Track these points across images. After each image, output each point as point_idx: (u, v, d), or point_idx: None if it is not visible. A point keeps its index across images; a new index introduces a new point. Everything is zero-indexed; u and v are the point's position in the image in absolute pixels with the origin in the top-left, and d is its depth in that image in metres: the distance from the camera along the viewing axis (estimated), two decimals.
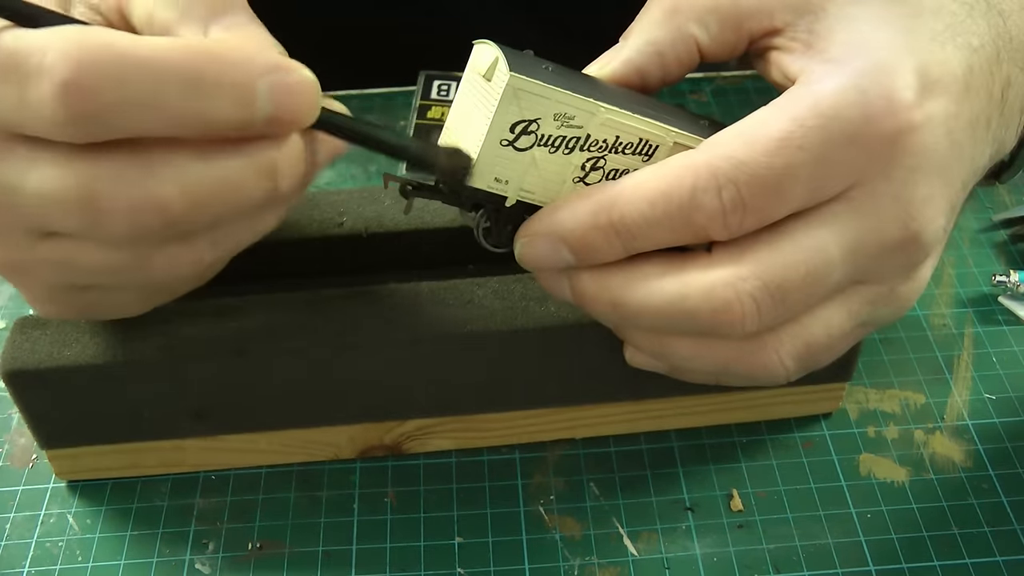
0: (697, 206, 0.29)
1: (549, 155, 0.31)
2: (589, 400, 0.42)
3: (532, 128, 0.30)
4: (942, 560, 0.39)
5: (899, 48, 0.30)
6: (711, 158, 0.29)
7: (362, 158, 0.58)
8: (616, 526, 0.41)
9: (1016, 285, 0.48)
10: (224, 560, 0.40)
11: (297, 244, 0.43)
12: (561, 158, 0.31)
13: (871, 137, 0.29)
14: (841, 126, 0.29)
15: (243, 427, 0.41)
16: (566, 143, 0.31)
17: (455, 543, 0.40)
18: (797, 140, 0.28)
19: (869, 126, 0.29)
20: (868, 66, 0.29)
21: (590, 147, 0.31)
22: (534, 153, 0.31)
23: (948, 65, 0.31)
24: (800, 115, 0.29)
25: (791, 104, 0.29)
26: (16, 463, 0.43)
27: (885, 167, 0.30)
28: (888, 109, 0.29)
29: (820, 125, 0.29)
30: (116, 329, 0.38)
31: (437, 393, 0.41)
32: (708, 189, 0.29)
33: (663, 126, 0.32)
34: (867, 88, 0.29)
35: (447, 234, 0.43)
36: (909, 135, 0.29)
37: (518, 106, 0.30)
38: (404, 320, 0.38)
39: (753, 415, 0.44)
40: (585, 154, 0.32)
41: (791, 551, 0.40)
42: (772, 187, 0.29)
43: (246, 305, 0.39)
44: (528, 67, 0.30)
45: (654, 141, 0.32)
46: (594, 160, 0.32)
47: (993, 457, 0.43)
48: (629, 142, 0.32)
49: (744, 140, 0.29)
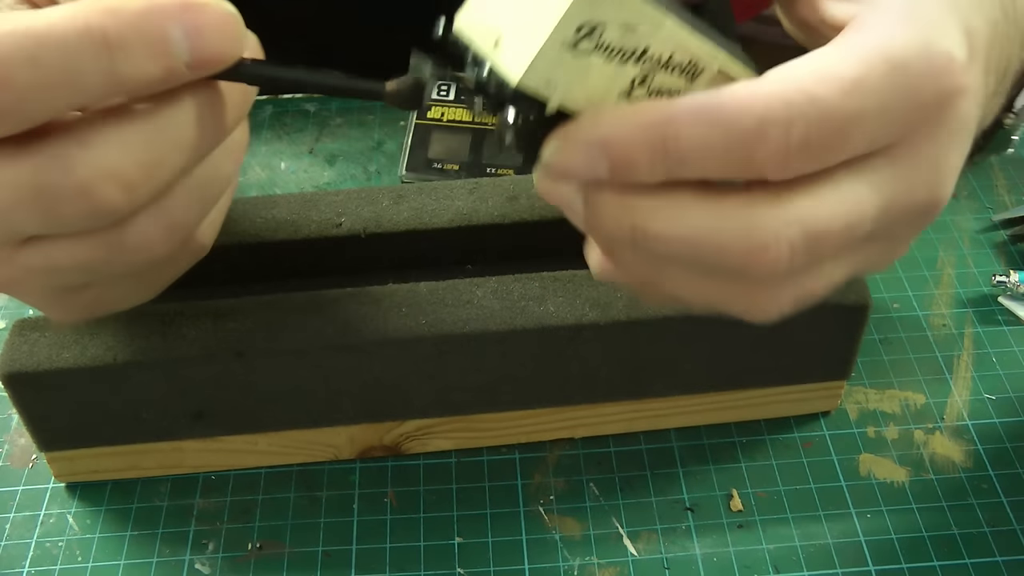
0: (762, 138, 0.27)
1: (604, 65, 0.28)
2: (589, 400, 0.42)
3: (595, 33, 0.27)
4: (942, 560, 0.39)
5: (947, 8, 0.30)
6: (785, 89, 0.27)
7: (362, 158, 0.58)
8: (616, 526, 0.41)
9: (1016, 285, 0.48)
10: (224, 560, 0.40)
11: (296, 245, 0.43)
12: (614, 69, 0.29)
13: (930, 94, 0.28)
14: (907, 79, 0.28)
15: (242, 428, 0.41)
16: (623, 54, 0.28)
17: (455, 543, 0.40)
18: (869, 84, 0.27)
19: (931, 82, 0.28)
20: (927, 20, 0.28)
21: (645, 61, 0.29)
22: (591, 60, 0.28)
23: (980, 35, 0.30)
24: (871, 59, 0.27)
25: (859, 47, 0.28)
26: (16, 463, 0.43)
27: (933, 128, 0.29)
28: (948, 68, 0.28)
29: (890, 72, 0.27)
30: (115, 331, 0.38)
31: (436, 393, 0.41)
32: (778, 122, 0.27)
33: (713, 49, 0.30)
34: (931, 42, 0.28)
35: (446, 234, 0.43)
36: (959, 98, 0.29)
37: (590, 5, 0.27)
38: (403, 320, 0.38)
39: (752, 414, 0.44)
40: (637, 68, 0.29)
41: (791, 551, 0.40)
42: (840, 130, 0.27)
43: (245, 306, 0.39)
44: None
45: (701, 64, 0.30)
46: (643, 77, 0.29)
47: (993, 457, 0.43)
48: (680, 61, 0.29)
49: (819, 76, 0.27)
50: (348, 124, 0.60)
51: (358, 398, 0.40)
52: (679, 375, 0.42)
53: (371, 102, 0.61)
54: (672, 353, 0.40)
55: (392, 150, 0.58)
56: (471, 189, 0.44)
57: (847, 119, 0.27)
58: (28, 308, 0.50)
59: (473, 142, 0.55)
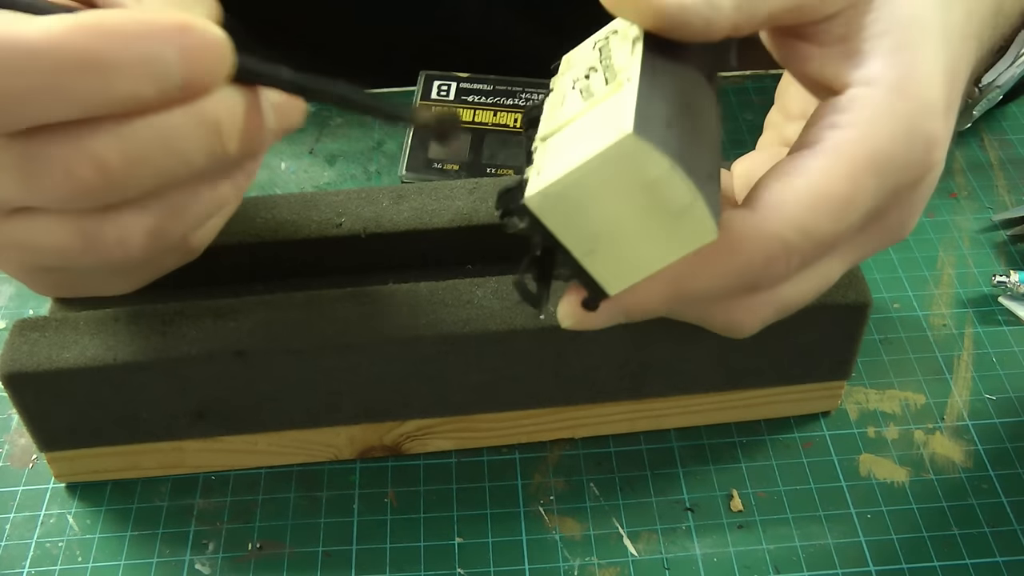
0: (767, 275, 0.30)
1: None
2: (589, 400, 0.42)
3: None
4: (942, 561, 0.39)
5: (940, 48, 0.31)
6: (781, 229, 0.29)
7: (362, 158, 0.58)
8: (616, 526, 0.41)
9: (1016, 285, 0.48)
10: (224, 561, 0.40)
11: (296, 245, 0.43)
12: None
13: (910, 179, 0.31)
14: (892, 177, 0.30)
15: (243, 428, 0.41)
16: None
17: (455, 543, 0.40)
18: (857, 201, 0.29)
19: (912, 170, 0.30)
20: (915, 93, 0.30)
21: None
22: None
23: (962, 69, 0.32)
24: (859, 172, 0.29)
25: (849, 157, 0.29)
26: (16, 463, 0.43)
27: (906, 198, 0.32)
28: (929, 153, 0.30)
29: (877, 178, 0.30)
30: (115, 331, 0.38)
31: (437, 393, 0.41)
32: (779, 261, 0.29)
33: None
34: (915, 127, 0.30)
35: (446, 234, 0.43)
36: (935, 170, 0.31)
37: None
38: (404, 320, 0.38)
39: (752, 414, 0.44)
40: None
41: (791, 551, 0.40)
42: (831, 244, 0.30)
43: (245, 306, 0.39)
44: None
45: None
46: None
47: (993, 457, 0.43)
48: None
49: (810, 206, 0.29)
50: (348, 124, 0.60)
51: (358, 398, 0.40)
52: (679, 375, 0.42)
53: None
54: (672, 353, 0.40)
55: (392, 150, 0.58)
56: (471, 189, 0.44)
57: (838, 235, 0.30)
58: (28, 308, 0.50)
59: (473, 142, 0.55)
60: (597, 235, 0.28)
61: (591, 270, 0.29)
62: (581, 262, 0.29)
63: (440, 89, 0.57)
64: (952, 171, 0.57)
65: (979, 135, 0.59)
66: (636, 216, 0.27)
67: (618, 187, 0.27)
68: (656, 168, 0.26)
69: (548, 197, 0.27)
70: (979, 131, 0.59)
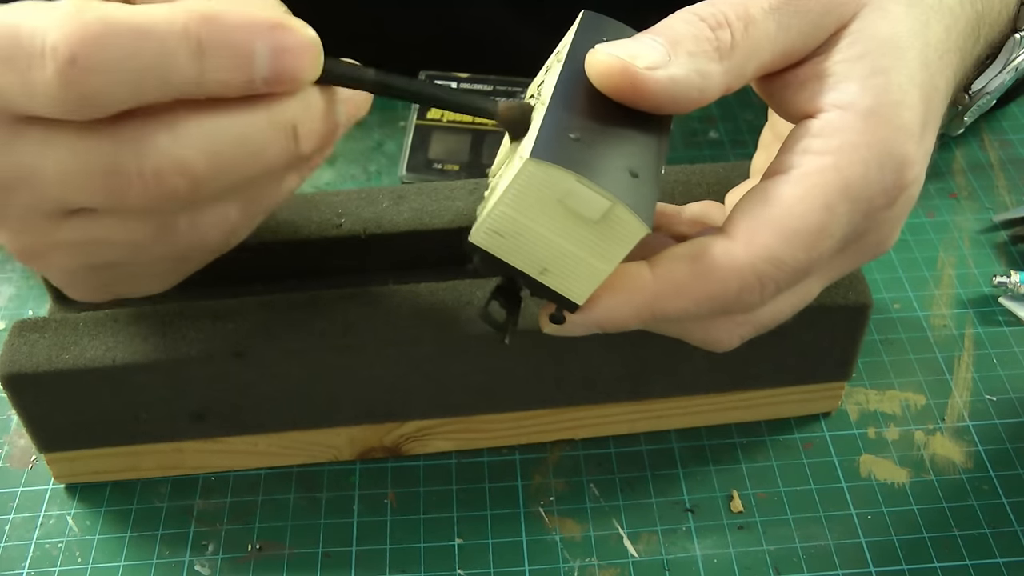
0: (740, 303, 0.30)
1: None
2: (589, 400, 0.42)
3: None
4: (942, 562, 0.39)
5: (917, 70, 0.31)
6: (755, 260, 0.29)
7: (362, 159, 0.58)
8: (616, 527, 0.41)
9: (1016, 286, 0.48)
10: (224, 561, 0.40)
11: (296, 245, 0.43)
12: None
13: (884, 201, 0.31)
14: (866, 203, 0.30)
15: (242, 429, 0.41)
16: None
17: (455, 544, 0.40)
18: (831, 229, 0.30)
19: (888, 193, 0.31)
20: (888, 117, 0.30)
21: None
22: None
23: (938, 95, 0.32)
24: (832, 202, 0.30)
25: (822, 186, 0.30)
26: (15, 464, 0.43)
27: (882, 219, 0.32)
28: (902, 174, 0.30)
29: (850, 210, 0.30)
30: (115, 332, 0.38)
31: (437, 394, 0.41)
32: (753, 290, 0.30)
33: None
34: (891, 149, 0.30)
35: (446, 235, 0.43)
36: (911, 189, 0.31)
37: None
38: (404, 321, 0.38)
39: (752, 415, 0.44)
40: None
41: (791, 552, 0.40)
42: (805, 271, 0.31)
43: (244, 306, 0.39)
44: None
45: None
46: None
47: (994, 458, 0.43)
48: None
49: (784, 237, 0.30)
50: None
51: (358, 399, 0.40)
52: (679, 376, 0.42)
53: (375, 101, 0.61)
54: (672, 354, 0.40)
55: (392, 150, 0.58)
56: (471, 189, 0.44)
57: (812, 262, 0.30)
58: (28, 309, 0.49)
59: (473, 142, 0.55)
60: (543, 255, 0.29)
61: (552, 286, 0.30)
62: (540, 281, 0.30)
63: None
64: (952, 171, 0.57)
65: (980, 135, 0.59)
66: (568, 230, 0.29)
67: (541, 209, 0.28)
68: (564, 184, 0.27)
69: (487, 233, 0.29)
70: (980, 131, 0.59)
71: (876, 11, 0.31)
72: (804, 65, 0.31)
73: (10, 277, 0.51)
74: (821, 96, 0.31)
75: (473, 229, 0.30)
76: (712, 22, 0.30)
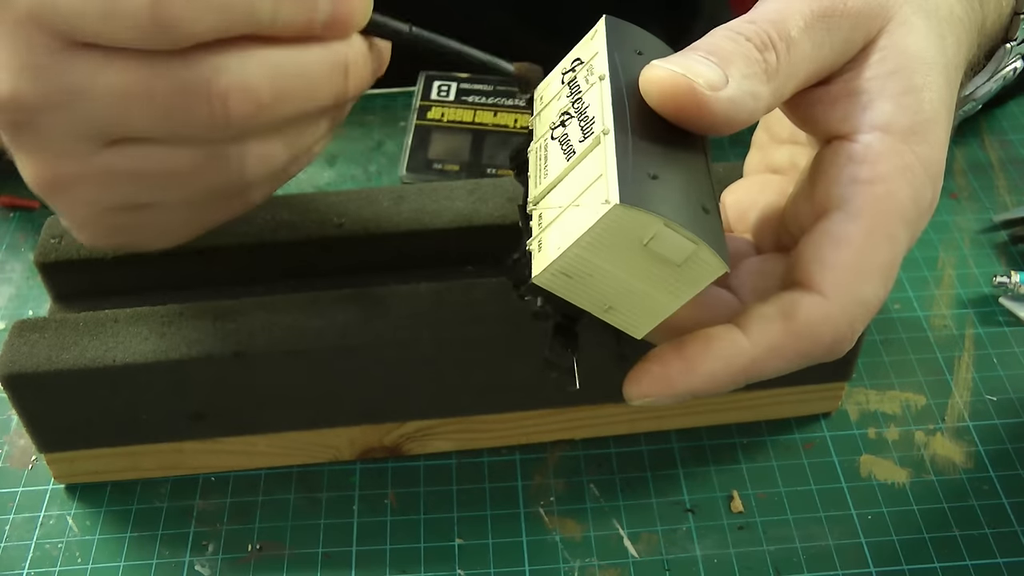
0: (833, 353, 0.31)
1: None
2: (589, 401, 0.42)
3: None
4: (943, 562, 0.39)
5: (940, 87, 0.31)
6: (844, 309, 0.30)
7: (362, 159, 0.58)
8: (616, 527, 0.41)
9: (1017, 286, 0.48)
10: (224, 562, 0.40)
11: (296, 245, 0.43)
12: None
13: (927, 219, 0.32)
14: (916, 225, 0.31)
15: (242, 429, 0.41)
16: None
17: (455, 544, 0.40)
18: (898, 256, 0.31)
19: (930, 213, 0.32)
20: (924, 141, 0.30)
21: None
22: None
23: (953, 107, 0.33)
24: (894, 231, 0.30)
25: (883, 219, 0.30)
26: (15, 464, 0.43)
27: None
28: (937, 193, 0.31)
29: (908, 233, 0.31)
30: (114, 332, 0.38)
31: (437, 394, 0.41)
32: (845, 339, 0.30)
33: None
34: (929, 175, 0.31)
35: (446, 235, 0.43)
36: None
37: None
38: (404, 320, 0.38)
39: (753, 415, 0.44)
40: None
41: (792, 552, 0.40)
42: (884, 300, 0.31)
43: (244, 307, 0.39)
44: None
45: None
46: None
47: (994, 458, 0.43)
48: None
49: (864, 279, 0.30)
50: (348, 124, 0.60)
51: (358, 399, 0.40)
52: None
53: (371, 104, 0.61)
54: None
55: (392, 151, 0.58)
56: (471, 190, 0.44)
57: (888, 291, 0.31)
58: (28, 309, 0.49)
59: (473, 143, 0.55)
60: (611, 293, 0.29)
61: (615, 323, 0.30)
62: (603, 319, 0.30)
63: (440, 89, 0.57)
64: (953, 171, 0.57)
65: (980, 135, 0.59)
66: (644, 270, 0.28)
67: (619, 251, 0.27)
68: (651, 228, 0.27)
69: (554, 274, 0.28)
70: (980, 131, 0.59)
71: (902, 26, 0.31)
72: (834, 82, 0.31)
73: (10, 277, 0.51)
74: (856, 116, 0.30)
75: (535, 269, 0.29)
76: (758, 42, 0.29)
